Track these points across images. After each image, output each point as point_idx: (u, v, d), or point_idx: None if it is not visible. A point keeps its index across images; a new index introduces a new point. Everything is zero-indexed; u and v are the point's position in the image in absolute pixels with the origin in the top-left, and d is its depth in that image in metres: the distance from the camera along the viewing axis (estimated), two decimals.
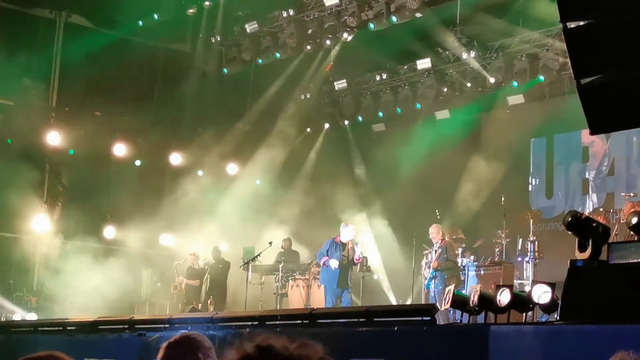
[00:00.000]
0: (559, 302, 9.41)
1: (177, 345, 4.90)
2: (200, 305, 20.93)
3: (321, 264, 18.77)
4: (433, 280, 18.01)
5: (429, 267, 18.29)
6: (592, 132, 7.96)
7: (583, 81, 7.50)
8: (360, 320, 10.45)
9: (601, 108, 7.62)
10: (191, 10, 23.45)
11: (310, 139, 26.32)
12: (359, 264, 19.05)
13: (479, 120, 23.36)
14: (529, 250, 18.00)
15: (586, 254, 9.36)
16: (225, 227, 23.70)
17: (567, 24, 7.53)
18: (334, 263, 18.21)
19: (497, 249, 19.07)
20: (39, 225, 22.74)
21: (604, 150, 21.13)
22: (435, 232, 18.47)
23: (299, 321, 11.33)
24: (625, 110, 7.72)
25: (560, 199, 21.90)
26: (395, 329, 9.41)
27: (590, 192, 21.34)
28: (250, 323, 11.73)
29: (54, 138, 22.99)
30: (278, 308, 20.15)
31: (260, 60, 23.69)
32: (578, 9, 7.49)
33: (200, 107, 25.33)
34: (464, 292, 13.26)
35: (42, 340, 14.38)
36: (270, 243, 20.06)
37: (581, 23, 7.51)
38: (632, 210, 14.24)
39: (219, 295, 21.66)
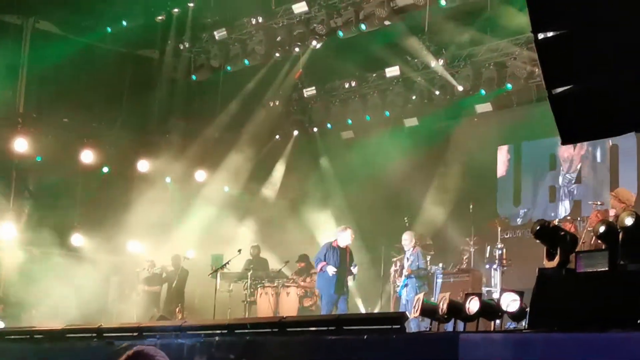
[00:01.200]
0: (528, 310, 9.46)
1: None
2: (158, 312, 20.83)
3: (318, 270, 18.61)
4: (405, 288, 18.01)
5: (401, 275, 18.31)
6: (564, 142, 7.99)
7: (554, 91, 7.52)
8: (330, 328, 10.42)
9: (573, 118, 7.64)
10: (160, 17, 23.36)
11: (279, 146, 26.33)
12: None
13: (447, 128, 23.45)
14: (496, 257, 18.07)
15: (554, 263, 9.43)
16: (194, 234, 23.65)
17: (539, 34, 7.56)
18: (331, 269, 18.02)
19: (465, 257, 19.15)
20: (5, 233, 22.52)
21: (572, 159, 21.28)
22: (408, 239, 18.48)
23: (268, 329, 11.28)
24: (596, 120, 7.75)
25: (528, 206, 22.00)
26: (365, 337, 9.41)
27: (557, 200, 21.48)
28: (219, 331, 11.66)
29: (21, 145, 22.78)
30: (247, 316, 20.10)
31: (229, 67, 23.61)
32: (549, 19, 7.51)
33: (169, 113, 25.25)
34: (433, 299, 13.29)
35: (10, 349, 14.25)
36: (240, 250, 19.97)
37: (553, 33, 7.54)
38: (597, 219, 14.40)
39: (177, 303, 21.62)
